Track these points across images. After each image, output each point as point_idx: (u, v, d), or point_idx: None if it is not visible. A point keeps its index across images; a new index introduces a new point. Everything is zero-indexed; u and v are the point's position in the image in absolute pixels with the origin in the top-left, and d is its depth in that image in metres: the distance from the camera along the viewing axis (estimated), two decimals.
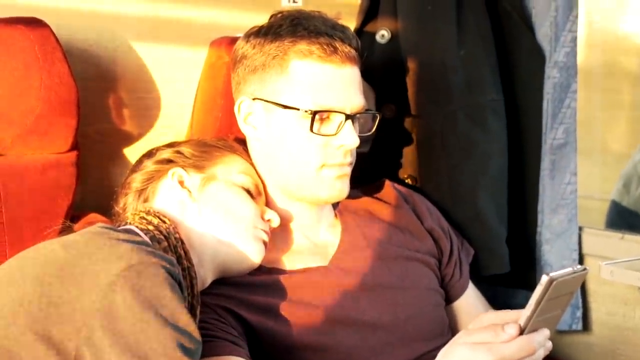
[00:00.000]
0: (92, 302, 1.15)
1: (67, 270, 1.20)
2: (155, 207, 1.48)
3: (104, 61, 1.83)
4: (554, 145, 1.89)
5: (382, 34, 1.91)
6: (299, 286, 1.53)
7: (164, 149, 1.56)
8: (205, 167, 1.51)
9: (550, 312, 1.20)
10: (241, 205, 1.49)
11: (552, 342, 1.23)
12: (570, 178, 1.90)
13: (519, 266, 1.91)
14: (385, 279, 1.59)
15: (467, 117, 1.86)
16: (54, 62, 1.61)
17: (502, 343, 1.17)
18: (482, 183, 1.87)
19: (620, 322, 1.84)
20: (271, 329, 1.46)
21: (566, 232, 1.90)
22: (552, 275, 1.13)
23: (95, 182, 1.80)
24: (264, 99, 1.55)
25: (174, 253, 1.36)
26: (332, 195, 1.56)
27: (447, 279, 1.71)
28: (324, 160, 1.53)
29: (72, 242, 1.26)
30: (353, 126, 1.54)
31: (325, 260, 1.59)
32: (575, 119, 1.90)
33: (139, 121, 1.85)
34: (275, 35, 1.55)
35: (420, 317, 1.59)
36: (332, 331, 1.50)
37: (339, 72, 1.54)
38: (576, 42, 1.89)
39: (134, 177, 1.53)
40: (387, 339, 1.53)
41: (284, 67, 1.53)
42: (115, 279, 1.16)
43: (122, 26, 1.84)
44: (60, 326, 1.15)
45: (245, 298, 1.47)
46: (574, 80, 1.89)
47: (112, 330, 1.13)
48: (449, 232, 1.74)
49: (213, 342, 1.37)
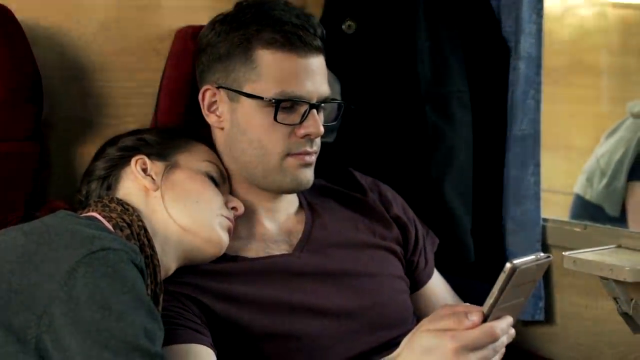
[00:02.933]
0: (53, 289, 1.14)
1: (28, 257, 1.19)
2: (118, 194, 1.47)
3: (68, 49, 1.81)
4: (518, 137, 1.90)
5: (348, 25, 1.91)
6: (262, 274, 1.52)
7: (127, 137, 1.55)
8: (168, 155, 1.50)
9: (514, 299, 1.20)
10: (205, 193, 1.48)
11: (515, 332, 1.24)
12: (533, 169, 1.92)
13: (483, 257, 1.92)
14: (350, 266, 1.59)
15: (433, 108, 1.87)
16: (17, 49, 1.59)
17: (466, 330, 1.17)
18: (447, 173, 1.88)
19: (583, 313, 1.86)
20: (235, 317, 1.46)
21: (530, 223, 1.91)
22: (515, 262, 1.14)
23: (59, 171, 1.78)
24: (228, 88, 1.55)
25: (137, 241, 1.35)
26: (297, 184, 1.56)
27: (412, 266, 1.71)
28: (288, 149, 1.53)
29: (33, 228, 1.25)
30: (318, 115, 1.54)
31: (290, 248, 1.59)
32: (540, 110, 1.91)
33: (103, 110, 1.83)
34: (240, 23, 1.55)
35: (386, 304, 1.59)
36: (296, 319, 1.50)
37: (303, 61, 1.54)
38: (541, 34, 1.90)
39: (97, 164, 1.52)
40: (352, 327, 1.53)
41: (248, 55, 1.53)
42: (76, 265, 1.15)
43: (86, 14, 1.81)
44: (21, 313, 1.14)
45: (208, 286, 1.47)
46: (538, 72, 1.90)
47: (73, 318, 1.12)
48: (414, 220, 1.74)
49: (176, 330, 1.36)
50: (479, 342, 1.17)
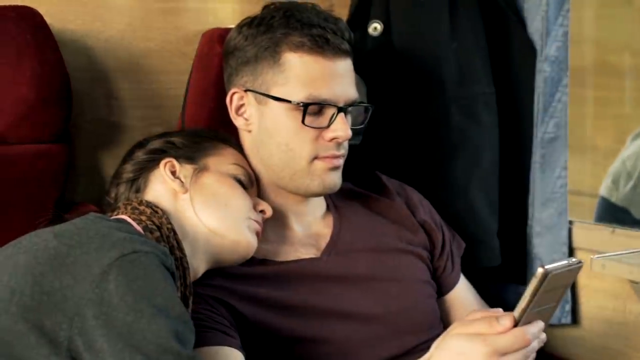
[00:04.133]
0: (85, 291, 1.14)
1: (60, 259, 1.19)
2: (147, 197, 1.47)
3: (95, 52, 1.82)
4: (545, 139, 1.89)
5: (374, 27, 1.91)
6: (291, 277, 1.52)
7: (156, 139, 1.55)
8: (197, 158, 1.51)
9: (545, 304, 1.19)
10: (233, 196, 1.49)
11: (545, 337, 1.23)
12: (560, 172, 1.91)
13: (509, 260, 1.91)
14: (377, 271, 1.59)
15: (459, 109, 1.86)
16: (46, 52, 1.61)
17: (497, 334, 1.17)
18: (473, 176, 1.87)
19: (610, 316, 1.84)
20: (263, 320, 1.46)
21: (556, 226, 1.90)
22: (548, 267, 1.13)
23: (87, 173, 1.79)
24: (256, 91, 1.55)
25: (167, 243, 1.35)
26: (324, 187, 1.56)
27: (439, 271, 1.71)
28: (316, 152, 1.53)
29: (65, 231, 1.26)
30: (345, 118, 1.54)
31: (318, 252, 1.59)
32: (567, 113, 1.90)
33: (130, 112, 1.84)
34: (268, 26, 1.55)
35: (413, 309, 1.59)
36: (324, 323, 1.50)
37: (331, 65, 1.53)
38: (567, 37, 1.89)
39: (126, 167, 1.52)
40: (379, 331, 1.53)
41: (276, 59, 1.53)
42: (108, 268, 1.16)
43: (113, 16, 1.83)
44: (53, 315, 1.14)
45: (237, 289, 1.47)
46: (565, 75, 1.90)
47: (105, 320, 1.12)
48: (440, 224, 1.74)
49: (205, 333, 1.36)
50: (511, 347, 1.17)
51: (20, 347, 1.14)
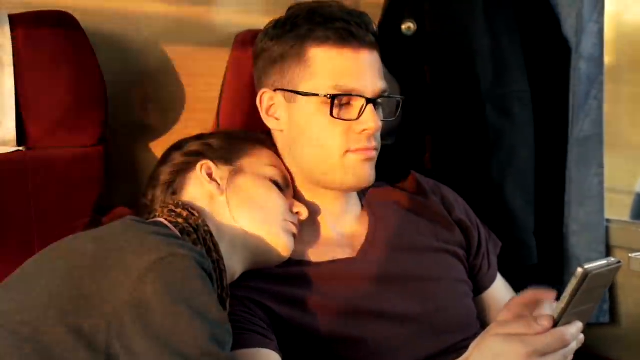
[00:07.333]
0: (123, 294, 1.15)
1: (98, 263, 1.19)
2: (184, 199, 1.48)
3: (130, 55, 1.83)
4: (580, 137, 1.88)
5: (408, 26, 1.90)
6: (327, 278, 1.52)
7: (192, 142, 1.56)
8: (233, 160, 1.51)
9: (584, 305, 1.18)
10: (270, 198, 1.49)
11: (584, 337, 1.22)
12: (596, 170, 1.90)
13: (546, 259, 1.90)
14: (414, 270, 1.59)
15: (494, 108, 1.85)
16: (82, 56, 1.62)
17: (536, 335, 1.16)
18: (509, 175, 1.87)
19: None
20: (299, 321, 1.46)
21: (593, 224, 1.89)
22: (587, 267, 1.12)
23: (123, 176, 1.80)
24: (285, 89, 1.55)
25: (204, 246, 1.36)
26: (358, 180, 1.55)
27: (475, 270, 1.70)
28: (347, 145, 1.53)
29: (102, 234, 1.26)
30: (375, 110, 1.54)
31: (354, 252, 1.59)
32: (602, 110, 1.89)
33: (165, 115, 1.86)
34: (293, 25, 1.56)
35: (449, 308, 1.58)
36: (361, 323, 1.50)
37: (356, 56, 1.53)
38: (603, 34, 1.88)
39: (162, 169, 1.53)
40: (416, 331, 1.53)
41: (302, 55, 1.54)
42: (145, 271, 1.16)
43: (147, 20, 1.84)
44: (91, 319, 1.15)
45: (273, 290, 1.47)
46: (600, 72, 1.88)
47: (143, 323, 1.13)
48: (477, 223, 1.73)
49: (242, 334, 1.36)
50: (550, 348, 1.16)
51: (59, 350, 1.14)
